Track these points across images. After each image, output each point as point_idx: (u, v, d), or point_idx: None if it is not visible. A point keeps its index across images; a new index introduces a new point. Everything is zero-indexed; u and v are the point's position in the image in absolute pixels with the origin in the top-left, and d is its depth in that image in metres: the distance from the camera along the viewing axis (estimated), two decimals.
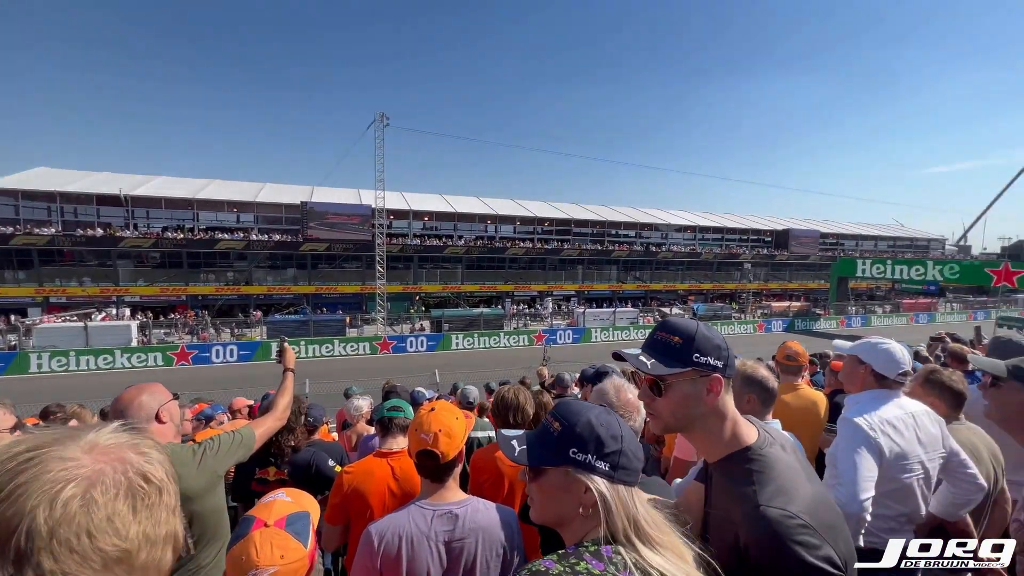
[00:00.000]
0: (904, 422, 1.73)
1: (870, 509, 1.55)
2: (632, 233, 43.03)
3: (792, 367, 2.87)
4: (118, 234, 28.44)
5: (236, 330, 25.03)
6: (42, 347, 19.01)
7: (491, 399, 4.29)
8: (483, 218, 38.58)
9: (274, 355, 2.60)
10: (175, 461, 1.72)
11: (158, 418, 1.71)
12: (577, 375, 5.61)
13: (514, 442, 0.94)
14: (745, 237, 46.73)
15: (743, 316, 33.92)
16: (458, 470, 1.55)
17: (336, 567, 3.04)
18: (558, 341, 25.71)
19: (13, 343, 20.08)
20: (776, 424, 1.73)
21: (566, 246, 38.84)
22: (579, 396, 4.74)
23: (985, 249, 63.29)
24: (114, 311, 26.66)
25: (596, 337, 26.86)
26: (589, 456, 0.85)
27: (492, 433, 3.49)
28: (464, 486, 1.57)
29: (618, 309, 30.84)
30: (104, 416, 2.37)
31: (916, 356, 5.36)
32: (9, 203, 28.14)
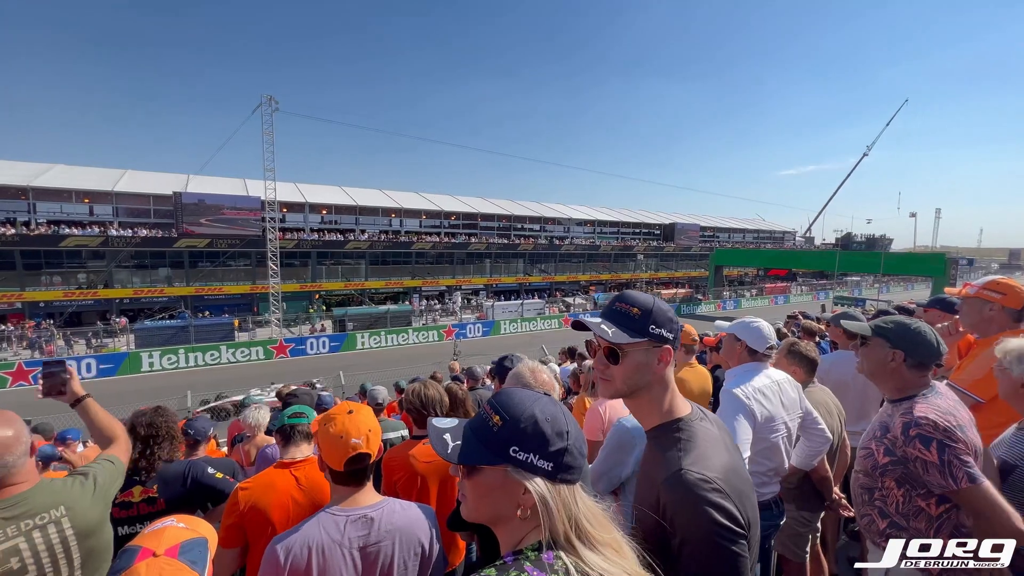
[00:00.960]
0: (771, 389, 2.01)
1: (747, 467, 1.77)
2: (537, 227, 44.32)
3: (689, 347, 3.21)
4: None
5: (95, 340, 21.54)
6: None
7: (401, 397, 4.17)
8: (387, 211, 37.18)
9: (41, 388, 1.77)
10: (65, 500, 1.48)
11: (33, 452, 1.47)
12: (488, 367, 5.68)
13: (447, 436, 0.86)
14: (638, 231, 50.46)
15: None
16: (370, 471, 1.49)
17: None
18: (468, 335, 25.76)
19: None
20: None
21: (473, 240, 38.89)
22: (491, 387, 4.80)
23: (824, 240, 75.23)
24: None
25: (505, 329, 27.34)
26: (531, 456, 0.78)
27: (405, 432, 3.40)
28: (376, 487, 1.50)
29: (525, 301, 31.71)
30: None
31: (777, 333, 6.22)
32: None
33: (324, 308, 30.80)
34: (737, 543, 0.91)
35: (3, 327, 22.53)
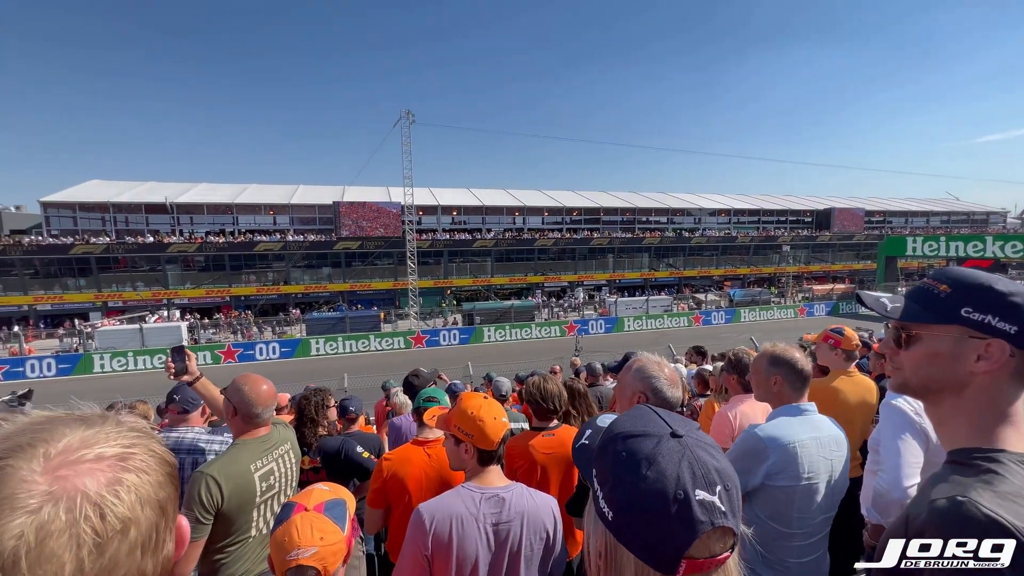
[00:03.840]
0: None
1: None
2: (664, 219, 42.10)
3: (849, 352, 2.70)
4: (166, 240, 30.02)
5: (277, 328, 26.05)
6: (104, 349, 20.36)
7: (521, 387, 4.30)
8: (511, 210, 38.57)
9: (170, 367, 2.15)
10: (288, 438, 2.06)
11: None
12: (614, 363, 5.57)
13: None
14: (783, 219, 44.95)
15: (783, 300, 32.73)
16: None
17: (378, 551, 3.15)
18: (590, 331, 25.53)
19: (78, 345, 21.57)
20: (812, 407, 1.66)
21: (596, 235, 38.38)
22: (611, 385, 4.72)
23: None
24: (165, 313, 28.23)
25: (629, 326, 26.52)
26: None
27: (525, 424, 3.51)
28: None
29: (651, 297, 30.33)
30: (185, 411, 2.47)
31: None
32: (68, 215, 30.16)
33: (455, 303, 33.12)
34: None
35: (217, 316, 28.50)
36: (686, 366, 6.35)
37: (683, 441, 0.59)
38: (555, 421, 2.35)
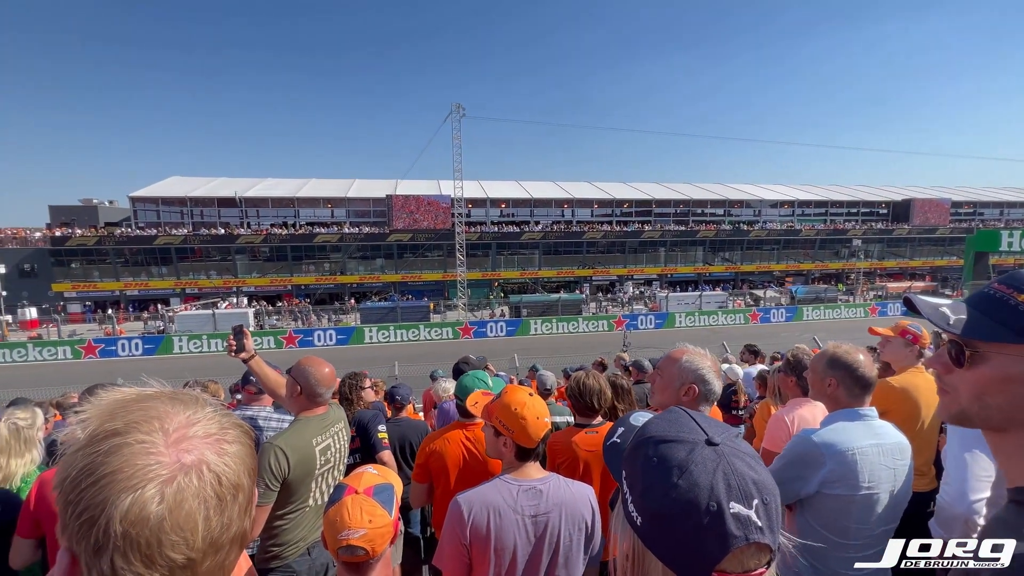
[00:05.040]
0: None
1: (983, 512, 1.37)
2: (720, 211, 40.31)
3: (920, 349, 2.48)
4: (236, 232, 32.19)
5: (333, 316, 27.33)
6: (182, 332, 22.20)
7: (567, 382, 4.29)
8: (559, 202, 38.25)
9: (231, 344, 2.31)
10: (341, 417, 2.19)
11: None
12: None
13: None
14: (854, 210, 41.81)
15: (852, 298, 30.54)
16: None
17: (424, 534, 3.27)
18: (639, 327, 24.96)
19: (160, 328, 23.66)
20: (872, 412, 1.54)
21: (647, 228, 37.34)
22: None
23: None
24: (235, 299, 30.35)
25: (680, 322, 25.69)
26: None
27: (570, 418, 3.50)
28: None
29: (704, 292, 29.19)
30: (260, 391, 2.82)
31: None
32: (152, 209, 33.02)
33: (502, 295, 33.38)
34: None
35: (280, 304, 30.30)
36: (740, 365, 6.09)
37: (719, 449, 0.56)
38: (599, 418, 2.33)
